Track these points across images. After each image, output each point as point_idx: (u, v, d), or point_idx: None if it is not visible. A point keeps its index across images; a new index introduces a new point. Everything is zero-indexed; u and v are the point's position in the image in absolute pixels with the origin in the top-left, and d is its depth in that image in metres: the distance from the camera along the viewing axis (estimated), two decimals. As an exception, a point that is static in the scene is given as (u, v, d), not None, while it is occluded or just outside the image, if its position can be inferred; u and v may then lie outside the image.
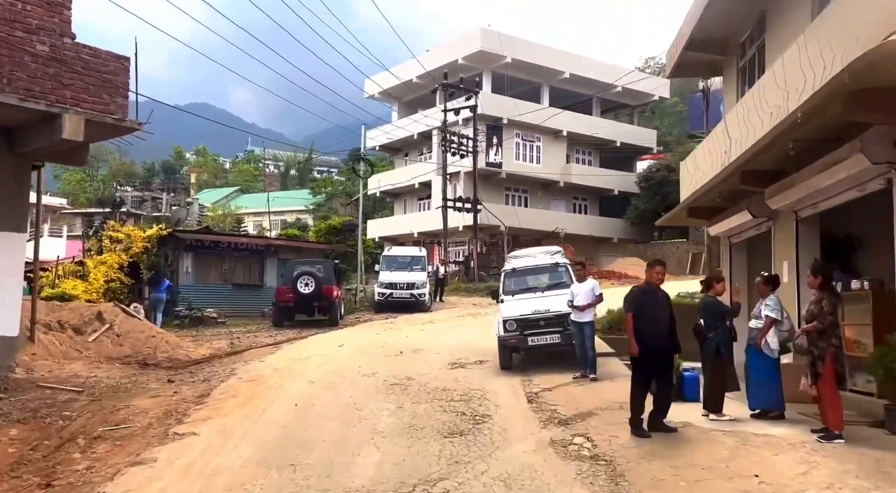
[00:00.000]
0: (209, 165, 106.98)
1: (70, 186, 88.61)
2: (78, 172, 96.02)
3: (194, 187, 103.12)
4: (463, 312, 22.90)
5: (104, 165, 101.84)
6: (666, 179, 40.17)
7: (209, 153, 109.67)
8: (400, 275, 23.10)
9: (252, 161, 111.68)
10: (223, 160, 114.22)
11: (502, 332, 12.11)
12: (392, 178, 44.29)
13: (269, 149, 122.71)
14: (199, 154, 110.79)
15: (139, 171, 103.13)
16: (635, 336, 7.40)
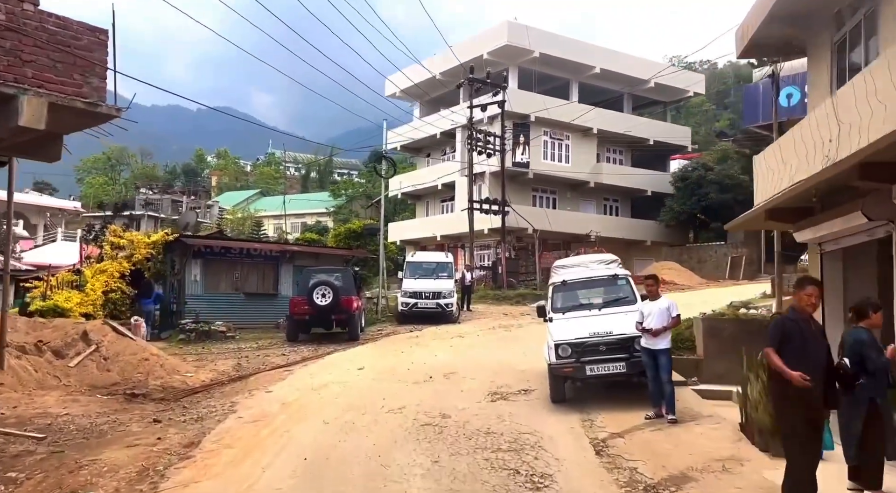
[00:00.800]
0: (230, 168, 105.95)
1: (93, 190, 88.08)
2: (100, 176, 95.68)
3: (215, 190, 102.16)
4: (493, 323, 20.83)
5: (126, 168, 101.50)
6: (703, 179, 37.86)
7: (230, 156, 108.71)
8: (425, 283, 21.09)
9: (273, 164, 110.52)
10: (244, 163, 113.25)
11: (554, 358, 10.03)
12: (414, 179, 42.32)
13: (289, 151, 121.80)
14: (220, 157, 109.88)
15: (161, 174, 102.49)
16: (778, 390, 5.28)
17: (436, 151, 43.02)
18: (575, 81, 40.19)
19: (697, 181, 37.94)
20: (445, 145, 41.92)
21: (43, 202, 35.94)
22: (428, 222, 41.25)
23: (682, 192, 38.70)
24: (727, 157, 39.07)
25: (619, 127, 39.40)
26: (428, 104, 42.92)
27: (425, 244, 41.90)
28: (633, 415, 9.19)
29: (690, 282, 35.00)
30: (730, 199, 37.24)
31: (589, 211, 40.42)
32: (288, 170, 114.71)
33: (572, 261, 12.94)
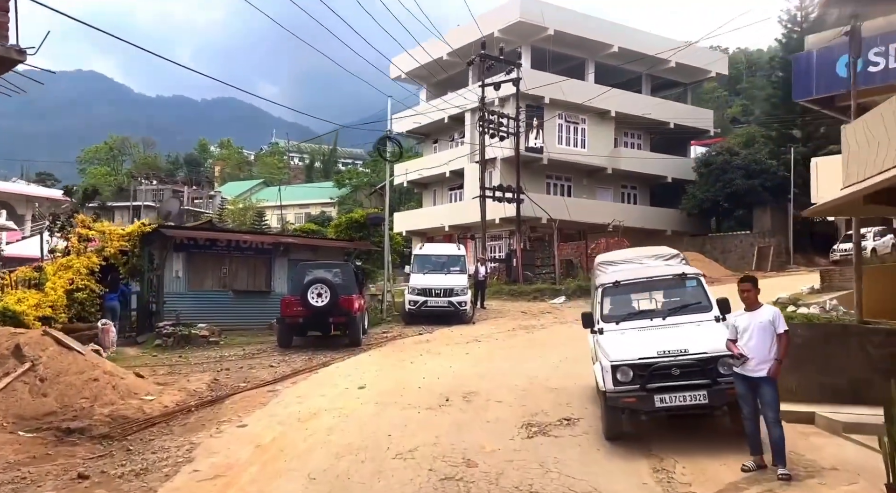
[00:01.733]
0: (233, 158, 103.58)
1: (94, 180, 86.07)
2: (102, 166, 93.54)
3: (218, 180, 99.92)
4: (512, 323, 18.44)
5: (128, 158, 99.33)
6: (727, 164, 35.30)
7: (233, 146, 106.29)
8: (435, 279, 18.71)
9: (276, 154, 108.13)
10: (248, 153, 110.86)
11: (610, 384, 7.61)
12: (420, 166, 39.86)
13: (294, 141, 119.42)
14: (223, 147, 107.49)
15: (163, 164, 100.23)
16: None
17: (443, 137, 40.51)
18: (591, 61, 37.58)
19: (722, 167, 35.39)
20: (453, 131, 39.39)
21: (29, 191, 33.62)
22: (435, 212, 38.82)
23: (705, 178, 36.14)
24: (753, 140, 36.45)
25: (638, 109, 36.80)
26: (435, 87, 40.39)
27: (433, 235, 39.53)
28: (721, 462, 6.80)
29: (716, 274, 32.51)
30: (756, 185, 34.74)
31: (606, 199, 37.91)
32: (292, 160, 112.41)
33: (621, 255, 10.48)
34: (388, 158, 19.30)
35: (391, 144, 19.13)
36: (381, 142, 19.03)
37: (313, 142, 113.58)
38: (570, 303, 22.95)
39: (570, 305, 22.39)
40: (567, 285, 24.18)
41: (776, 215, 35.72)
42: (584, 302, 23.07)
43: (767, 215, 35.47)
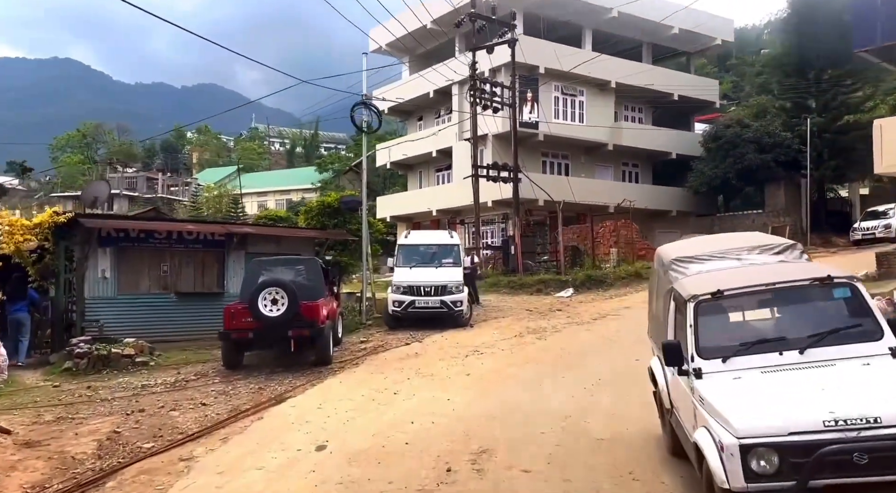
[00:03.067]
0: (211, 144, 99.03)
1: (67, 169, 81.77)
2: (75, 154, 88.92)
3: (196, 167, 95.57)
4: (518, 326, 15.06)
5: (103, 146, 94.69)
6: (738, 138, 31.98)
7: (211, 131, 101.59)
8: (424, 273, 15.27)
9: (256, 139, 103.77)
10: (226, 139, 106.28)
11: (740, 480, 4.19)
12: (404, 146, 36.23)
13: (274, 125, 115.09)
14: (200, 133, 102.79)
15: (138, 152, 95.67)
16: None
17: (429, 114, 36.89)
18: (588, 29, 34.02)
19: (732, 140, 32.06)
20: (440, 106, 35.77)
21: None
22: (422, 195, 35.30)
23: (713, 153, 32.82)
24: (764, 111, 33.18)
25: (640, 80, 33.28)
26: (418, 60, 36.69)
27: (419, 221, 36.05)
28: None
29: (729, 257, 29.36)
30: (769, 160, 31.49)
31: (606, 178, 34.54)
32: (272, 145, 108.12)
33: (703, 246, 6.98)
34: (364, 128, 15.77)
35: (367, 113, 15.61)
36: (355, 110, 15.37)
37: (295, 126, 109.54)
38: (578, 296, 19.65)
39: (581, 299, 19.07)
40: (574, 276, 20.85)
41: (790, 193, 32.55)
42: (594, 295, 19.79)
43: (781, 193, 32.29)
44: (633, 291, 19.84)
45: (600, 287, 20.44)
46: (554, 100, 31.97)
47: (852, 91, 32.66)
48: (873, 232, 29.67)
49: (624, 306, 17.18)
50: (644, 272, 21.45)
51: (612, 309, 16.70)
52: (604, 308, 16.92)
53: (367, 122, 15.64)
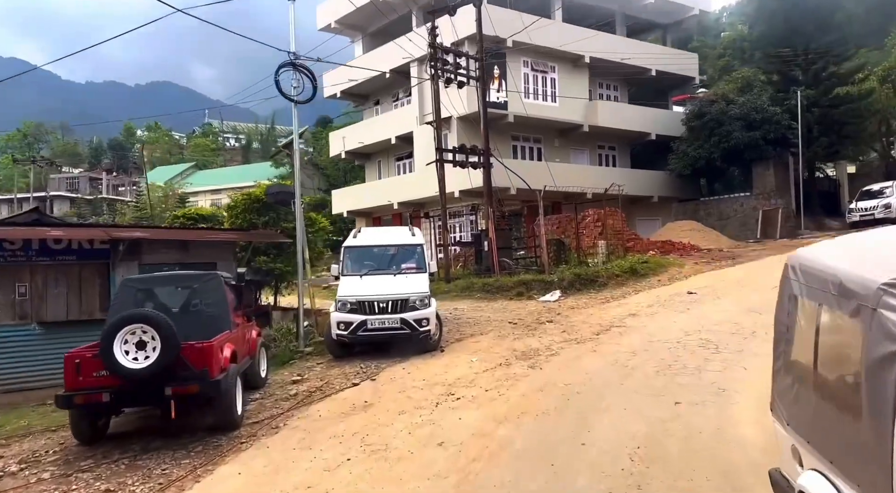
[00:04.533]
0: (162, 142, 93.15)
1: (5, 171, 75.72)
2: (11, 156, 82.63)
3: (147, 165, 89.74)
4: (502, 349, 11.39)
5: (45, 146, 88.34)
6: (723, 115, 28.88)
7: (162, 128, 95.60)
8: (379, 284, 11.50)
9: (210, 135, 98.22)
10: (178, 136, 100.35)
11: None
12: (360, 133, 32.30)
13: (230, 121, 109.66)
14: (151, 130, 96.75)
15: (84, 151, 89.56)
16: None
17: (386, 97, 33.00)
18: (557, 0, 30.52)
19: (717, 118, 28.97)
20: (398, 88, 31.94)
21: None
22: (381, 187, 31.44)
23: (697, 132, 29.72)
24: (750, 85, 30.12)
25: (616, 54, 29.94)
26: (372, 38, 32.76)
27: (380, 215, 32.25)
28: None
29: (720, 245, 26.26)
30: (758, 137, 28.44)
31: (582, 162, 31.15)
32: (227, 141, 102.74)
33: None
34: (293, 97, 11.86)
35: (296, 77, 11.70)
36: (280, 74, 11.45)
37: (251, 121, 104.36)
38: (568, 300, 16.13)
39: (571, 303, 15.54)
40: (560, 275, 17.33)
41: (779, 173, 29.59)
42: (587, 298, 16.28)
43: (770, 173, 29.28)
44: (630, 291, 16.40)
45: (591, 287, 16.95)
46: (524, 77, 28.40)
47: (843, 60, 29.81)
48: (872, 213, 26.89)
49: (628, 312, 13.71)
50: (640, 268, 18.06)
51: (613, 318, 13.20)
52: (604, 318, 13.41)
53: (297, 88, 11.74)
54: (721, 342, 10.58)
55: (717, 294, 14.71)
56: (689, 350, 10.29)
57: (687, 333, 11.40)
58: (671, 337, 11.19)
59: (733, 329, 11.39)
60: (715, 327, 11.66)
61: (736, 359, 9.50)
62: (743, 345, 10.34)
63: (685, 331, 11.54)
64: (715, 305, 13.65)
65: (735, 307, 13.12)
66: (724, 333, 11.18)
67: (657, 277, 17.82)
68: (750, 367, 8.97)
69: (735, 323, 11.80)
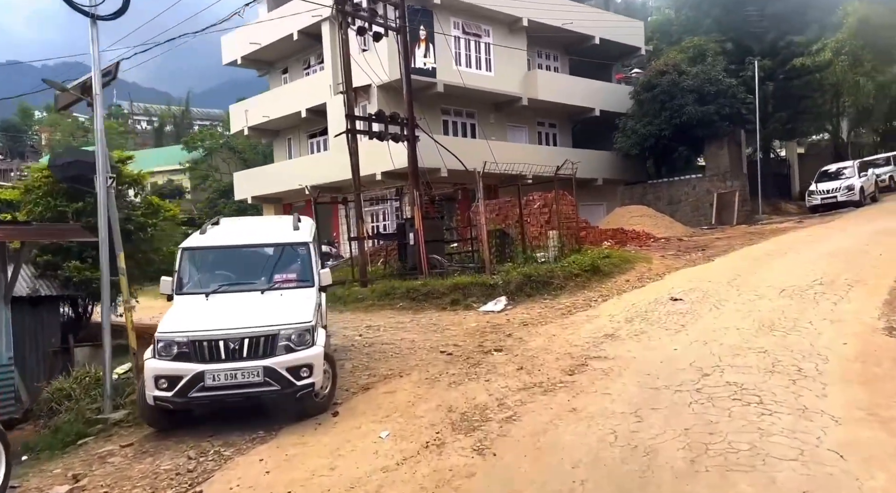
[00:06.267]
0: (63, 124, 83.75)
1: None
2: None
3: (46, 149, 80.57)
4: (431, 409, 7.16)
5: (-76, 128, 78.04)
6: (676, 86, 25.53)
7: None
8: (232, 309, 7.09)
9: (119, 117, 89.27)
10: (83, 118, 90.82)
11: None
12: (265, 106, 27.28)
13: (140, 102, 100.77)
14: (50, 111, 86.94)
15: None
16: None
17: (295, 65, 28.05)
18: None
19: (668, 91, 25.61)
20: (309, 54, 27.09)
21: None
22: (291, 168, 26.55)
23: (646, 107, 26.31)
24: (703, 55, 26.88)
25: (556, 18, 26.10)
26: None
27: (292, 201, 27.42)
28: None
29: (674, 232, 22.95)
30: (712, 112, 25.27)
31: (520, 140, 27.27)
32: (139, 123, 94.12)
33: None
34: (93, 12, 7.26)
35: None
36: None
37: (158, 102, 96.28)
38: (517, 309, 12.10)
39: (523, 316, 11.48)
40: (505, 276, 13.27)
41: (733, 152, 26.61)
42: (542, 307, 12.25)
43: (724, 152, 26.23)
44: (595, 297, 12.51)
45: (545, 292, 12.97)
46: (454, 41, 24.14)
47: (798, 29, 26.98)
48: (834, 195, 24.16)
49: (602, 332, 9.76)
50: (603, 266, 14.21)
51: (586, 343, 9.21)
52: (572, 341, 9.41)
53: None
54: (762, 390, 6.74)
55: (711, 302, 10.98)
56: (722, 407, 6.40)
57: (701, 370, 7.54)
58: (681, 379, 7.30)
59: (765, 362, 7.60)
60: (737, 359, 7.84)
61: (806, 427, 5.67)
62: (797, 394, 6.53)
63: (698, 367, 7.68)
64: (716, 319, 9.89)
65: (746, 323, 9.40)
66: (757, 370, 7.37)
67: (623, 276, 14.05)
68: (852, 448, 5.12)
69: (762, 351, 8.04)
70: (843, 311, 9.57)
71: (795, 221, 22.81)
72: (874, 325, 8.75)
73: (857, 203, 23.74)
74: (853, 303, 9.94)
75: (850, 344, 8.01)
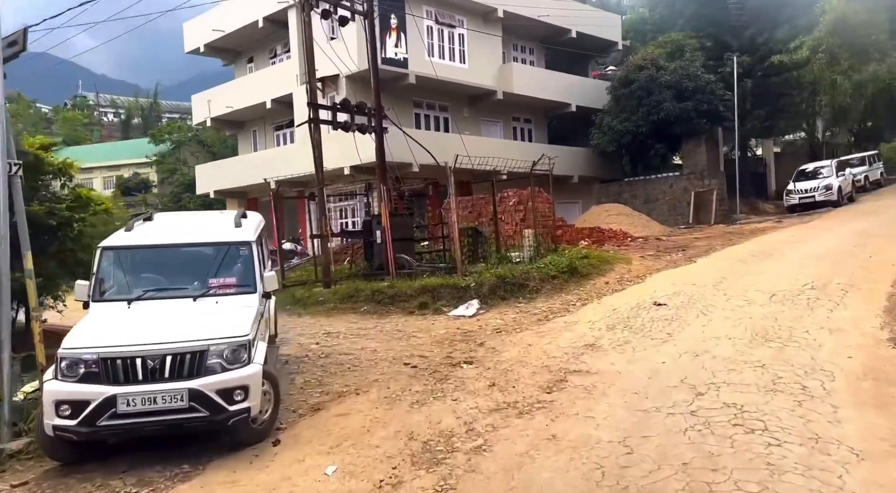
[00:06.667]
0: (25, 115, 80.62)
1: None
2: None
3: (5, 141, 77.41)
4: (388, 435, 6.12)
5: None
6: (654, 82, 24.86)
7: (24, 99, 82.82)
8: (156, 319, 6.05)
9: (84, 108, 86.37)
10: (46, 109, 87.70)
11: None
12: (229, 96, 25.93)
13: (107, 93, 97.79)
14: (12, 101, 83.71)
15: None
16: None
17: (261, 54, 26.76)
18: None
19: (646, 86, 24.91)
20: (275, 42, 25.83)
21: None
22: (256, 161, 25.27)
23: (624, 102, 25.59)
24: (681, 51, 26.25)
25: (532, 10, 25.20)
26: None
27: (257, 195, 26.21)
28: None
29: (651, 231, 22.27)
30: (689, 109, 24.64)
31: (494, 135, 26.36)
32: (105, 115, 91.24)
33: None
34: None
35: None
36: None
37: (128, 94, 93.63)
38: (490, 314, 11.16)
39: (497, 322, 10.54)
40: (478, 278, 12.32)
41: (711, 150, 26.05)
42: (516, 312, 11.30)
43: (702, 150, 25.65)
44: (573, 300, 11.63)
45: (520, 295, 12.05)
46: (427, 31, 23.11)
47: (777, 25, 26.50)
48: (813, 195, 23.70)
49: (582, 341, 8.87)
50: (581, 267, 13.34)
51: (565, 355, 8.31)
52: (549, 352, 8.50)
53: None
54: (765, 413, 5.90)
55: (698, 308, 10.16)
56: (722, 434, 5.53)
57: (695, 388, 6.67)
58: (673, 398, 6.43)
59: (764, 379, 6.76)
60: (732, 375, 7.00)
61: (823, 462, 4.82)
62: (806, 419, 5.69)
63: (690, 384, 6.81)
64: (704, 327, 9.06)
65: (737, 332, 8.58)
66: (756, 389, 6.52)
67: (603, 277, 13.20)
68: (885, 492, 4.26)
69: (759, 365, 7.20)
70: (841, 319, 8.81)
71: (774, 220, 22.27)
72: (877, 336, 7.99)
73: (836, 203, 23.32)
74: (850, 310, 9.20)
75: (856, 358, 7.22)
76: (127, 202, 53.35)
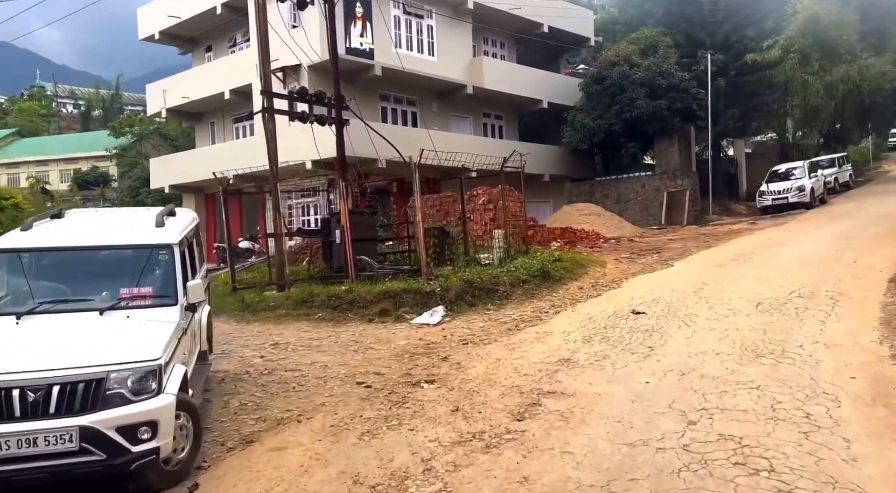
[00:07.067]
0: None
1: None
2: None
3: (-46, 133, 74.02)
4: (329, 479, 5.21)
5: None
6: (627, 79, 24.20)
7: (-23, 89, 79.35)
8: (49, 338, 5.00)
9: (40, 99, 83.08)
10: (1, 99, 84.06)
11: None
12: (184, 86, 24.51)
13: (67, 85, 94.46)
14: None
15: None
16: None
17: (220, 42, 25.40)
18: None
19: (619, 83, 24.25)
20: (234, 31, 24.52)
21: None
22: (214, 155, 23.92)
23: (596, 100, 24.90)
24: (655, 47, 25.63)
25: (504, 2, 24.32)
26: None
27: (214, 190, 24.74)
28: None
29: (623, 232, 21.60)
30: (663, 107, 24.05)
31: (464, 131, 25.44)
32: (64, 107, 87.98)
33: None
34: None
35: None
36: None
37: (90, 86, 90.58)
38: (456, 322, 10.22)
39: (463, 332, 9.60)
40: (444, 282, 11.37)
41: (684, 149, 25.52)
42: (485, 320, 10.33)
43: (675, 149, 25.11)
44: (546, 307, 10.75)
45: (489, 301, 11.13)
46: (395, 21, 22.08)
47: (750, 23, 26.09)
48: (786, 196, 23.30)
49: (557, 355, 7.97)
50: (554, 270, 12.48)
51: (538, 372, 7.39)
52: (521, 369, 7.58)
53: None
54: (768, 448, 5.06)
55: (679, 318, 9.35)
56: (722, 476, 4.67)
57: (685, 416, 5.82)
58: (662, 429, 5.56)
59: (761, 404, 5.93)
60: (725, 398, 6.16)
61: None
62: (817, 456, 4.86)
63: (680, 410, 5.96)
64: (688, 340, 8.25)
65: (725, 346, 7.78)
66: (755, 416, 5.70)
67: (576, 282, 12.36)
68: None
69: (753, 387, 6.39)
70: (835, 331, 8.07)
71: (748, 222, 21.77)
72: (878, 352, 7.25)
73: (808, 205, 22.95)
74: (843, 321, 8.48)
75: (860, 379, 6.45)
76: (84, 197, 51.13)
